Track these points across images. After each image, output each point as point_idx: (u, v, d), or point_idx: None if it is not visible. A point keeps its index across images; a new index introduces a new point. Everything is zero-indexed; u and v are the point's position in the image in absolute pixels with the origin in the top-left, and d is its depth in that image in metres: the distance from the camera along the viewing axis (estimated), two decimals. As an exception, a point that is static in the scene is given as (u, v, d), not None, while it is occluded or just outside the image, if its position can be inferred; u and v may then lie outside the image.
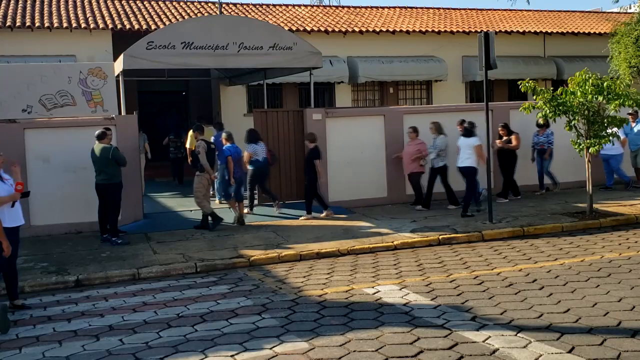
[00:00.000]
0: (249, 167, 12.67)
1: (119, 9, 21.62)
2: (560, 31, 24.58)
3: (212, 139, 13.48)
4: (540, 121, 13.82)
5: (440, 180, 13.13)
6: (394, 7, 26.75)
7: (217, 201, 13.99)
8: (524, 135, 14.41)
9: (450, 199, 13.16)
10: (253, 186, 13.11)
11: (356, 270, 8.92)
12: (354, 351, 5.78)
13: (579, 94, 11.35)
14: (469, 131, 12.49)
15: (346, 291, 7.85)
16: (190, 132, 15.63)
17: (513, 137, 13.73)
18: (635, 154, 15.05)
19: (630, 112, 14.32)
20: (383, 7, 26.45)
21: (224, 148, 12.32)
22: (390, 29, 22.48)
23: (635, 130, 14.97)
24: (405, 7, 26.90)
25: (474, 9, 27.63)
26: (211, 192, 14.08)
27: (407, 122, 14.04)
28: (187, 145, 15.63)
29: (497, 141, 13.75)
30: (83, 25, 19.07)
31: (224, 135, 12.57)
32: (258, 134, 12.92)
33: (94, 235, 11.50)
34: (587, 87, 11.32)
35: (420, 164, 13.03)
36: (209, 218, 11.73)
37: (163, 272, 9.16)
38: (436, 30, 22.96)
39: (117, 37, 19.25)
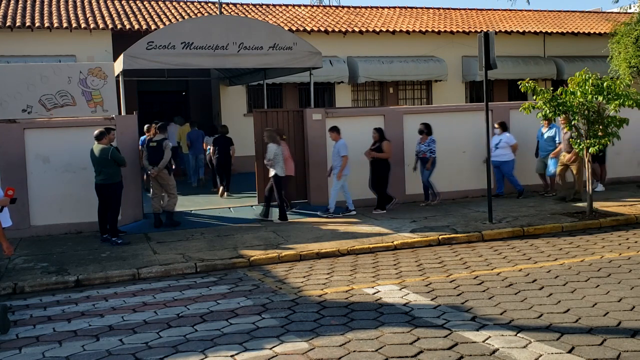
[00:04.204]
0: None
1: (119, 9, 21.63)
2: (560, 31, 24.59)
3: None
4: (421, 128, 13.29)
5: (274, 189, 12.30)
6: (394, 7, 26.77)
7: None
8: (526, 136, 14.41)
9: (280, 213, 12.23)
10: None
11: (356, 270, 8.92)
12: (354, 351, 5.78)
13: (579, 94, 11.35)
14: None
15: (346, 291, 7.85)
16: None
17: (384, 144, 12.67)
18: (543, 160, 13.96)
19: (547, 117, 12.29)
20: (383, 7, 26.47)
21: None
22: (390, 29, 22.50)
23: (546, 136, 13.85)
24: (405, 7, 26.93)
25: (474, 9, 27.66)
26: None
27: (407, 122, 14.05)
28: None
29: (367, 151, 12.85)
30: (83, 25, 19.09)
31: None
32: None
33: (94, 235, 11.51)
34: (587, 87, 11.32)
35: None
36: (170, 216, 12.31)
37: (163, 272, 9.17)
38: (436, 30, 22.97)
39: (117, 37, 19.27)
